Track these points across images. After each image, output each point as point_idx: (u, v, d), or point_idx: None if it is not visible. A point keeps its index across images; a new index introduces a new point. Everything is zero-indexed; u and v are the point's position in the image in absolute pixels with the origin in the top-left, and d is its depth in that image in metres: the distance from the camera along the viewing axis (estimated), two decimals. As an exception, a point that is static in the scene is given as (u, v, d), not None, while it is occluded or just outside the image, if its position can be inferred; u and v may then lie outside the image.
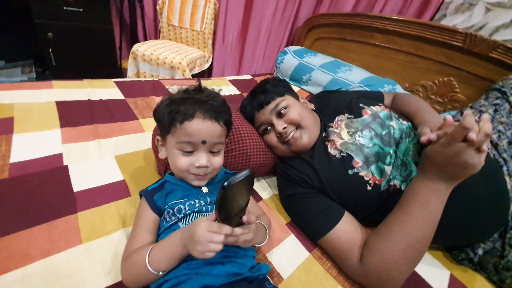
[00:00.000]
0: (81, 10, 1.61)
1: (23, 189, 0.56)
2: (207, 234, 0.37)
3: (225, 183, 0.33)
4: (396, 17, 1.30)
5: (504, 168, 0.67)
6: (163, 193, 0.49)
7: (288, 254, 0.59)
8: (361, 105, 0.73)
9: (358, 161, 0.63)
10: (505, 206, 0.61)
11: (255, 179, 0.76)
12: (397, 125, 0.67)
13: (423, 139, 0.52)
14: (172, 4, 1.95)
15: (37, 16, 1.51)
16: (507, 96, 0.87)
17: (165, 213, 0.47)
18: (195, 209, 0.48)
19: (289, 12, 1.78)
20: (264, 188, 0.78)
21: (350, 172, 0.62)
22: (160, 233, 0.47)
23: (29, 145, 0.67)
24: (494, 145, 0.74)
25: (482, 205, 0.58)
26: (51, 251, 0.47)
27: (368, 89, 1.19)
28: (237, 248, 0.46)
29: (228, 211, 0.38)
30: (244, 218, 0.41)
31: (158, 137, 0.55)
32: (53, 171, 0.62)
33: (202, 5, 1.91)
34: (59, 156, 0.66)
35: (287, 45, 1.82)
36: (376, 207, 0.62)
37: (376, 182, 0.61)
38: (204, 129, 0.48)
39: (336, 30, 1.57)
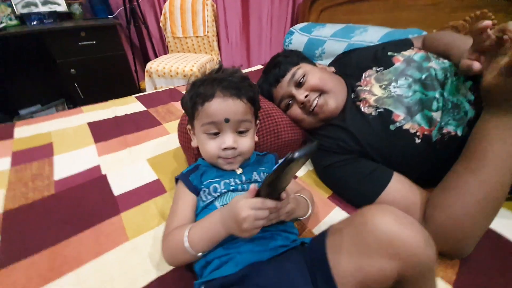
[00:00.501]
0: (94, 42, 1.73)
1: (69, 201, 0.59)
2: (252, 212, 0.34)
3: (294, 154, 0.29)
4: (406, -41, 1.17)
5: None
6: (198, 173, 0.48)
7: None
8: (389, 53, 0.65)
9: (399, 114, 0.55)
10: None
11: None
12: (438, 65, 0.58)
13: (475, 67, 0.44)
14: (173, 17, 2.00)
15: (58, 57, 1.65)
16: None
17: (201, 192, 0.46)
18: (231, 188, 0.46)
19: (288, -10, 1.72)
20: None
21: (392, 127, 0.55)
22: (197, 213, 0.45)
23: (69, 163, 0.72)
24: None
25: None
26: (101, 251, 0.48)
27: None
28: (277, 224, 0.42)
29: (279, 185, 0.35)
30: (283, 194, 0.38)
31: (189, 126, 0.54)
32: (94, 181, 0.65)
33: (201, 10, 1.93)
34: (97, 168, 0.70)
35: (292, 25, 1.75)
36: (431, 162, 0.53)
37: (426, 132, 0.53)
38: (225, 107, 0.45)
39: (341, -6, 1.47)
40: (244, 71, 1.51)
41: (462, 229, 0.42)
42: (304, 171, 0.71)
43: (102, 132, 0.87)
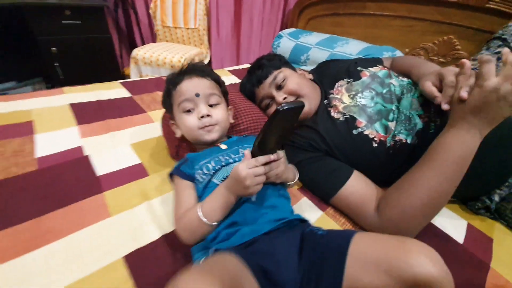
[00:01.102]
0: (79, 22, 1.68)
1: (52, 178, 0.61)
2: (250, 171, 0.41)
3: (280, 107, 0.36)
4: (386, -17, 1.29)
5: None
6: (188, 163, 0.53)
7: (303, 214, 0.61)
8: (359, 68, 0.74)
9: (361, 121, 0.64)
10: None
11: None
12: (397, 82, 0.68)
13: (444, 107, 0.51)
14: (164, 6, 1.99)
15: (39, 34, 1.58)
16: (508, 42, 0.87)
17: (196, 176, 0.51)
18: (223, 163, 0.51)
19: (279, -4, 1.78)
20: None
21: (354, 132, 0.63)
22: (200, 195, 0.50)
23: (51, 142, 0.73)
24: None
25: (492, 149, 0.57)
26: (83, 224, 0.51)
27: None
28: (273, 190, 0.49)
29: (268, 143, 0.41)
30: (275, 155, 0.44)
31: (172, 121, 0.61)
32: (76, 161, 0.67)
33: (193, 2, 1.94)
34: (79, 149, 0.72)
35: (281, 29, 1.83)
36: (385, 165, 0.63)
37: (381, 138, 0.62)
38: (194, 85, 0.56)
39: (328, 6, 1.57)
40: (232, 68, 1.56)
41: (406, 225, 0.51)
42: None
43: (84, 114, 0.88)
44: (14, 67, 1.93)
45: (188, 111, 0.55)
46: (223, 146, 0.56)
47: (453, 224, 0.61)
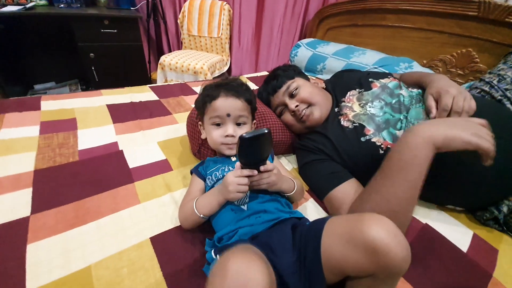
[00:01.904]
0: (115, 31, 1.85)
1: (91, 167, 0.71)
2: (234, 179, 0.48)
3: (243, 134, 0.44)
4: (406, -4, 1.31)
5: None
6: (204, 166, 0.63)
7: (307, 215, 0.65)
8: (370, 79, 0.78)
9: (369, 129, 0.68)
10: None
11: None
12: (407, 93, 0.71)
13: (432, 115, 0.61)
14: (190, 17, 2.13)
15: (80, 40, 1.77)
16: (526, 56, 0.86)
17: (207, 179, 0.60)
18: (226, 173, 0.58)
19: (299, 7, 1.85)
20: (285, 164, 0.85)
21: (362, 139, 0.67)
22: None
23: (91, 137, 0.83)
24: (516, 104, 0.74)
25: (502, 161, 0.56)
26: (117, 208, 0.59)
27: (383, 70, 1.22)
28: (264, 198, 0.55)
29: (248, 158, 0.48)
30: (262, 167, 0.51)
31: (200, 122, 0.69)
32: (112, 154, 0.77)
33: (218, 13, 2.07)
34: (115, 144, 0.82)
35: (299, 39, 1.89)
36: None
37: (388, 146, 0.65)
38: (227, 104, 0.60)
39: (347, 17, 1.61)
40: (251, 75, 1.64)
41: None
42: (289, 169, 0.83)
43: (119, 114, 0.99)
44: (54, 69, 2.16)
45: (217, 124, 0.61)
46: (233, 158, 0.63)
47: (458, 232, 0.63)
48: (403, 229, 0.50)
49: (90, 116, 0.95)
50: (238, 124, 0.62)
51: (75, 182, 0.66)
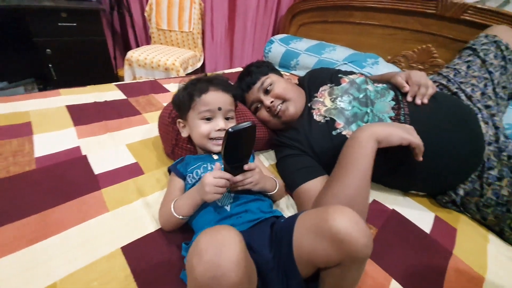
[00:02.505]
0: (75, 24, 1.70)
1: (51, 176, 0.65)
2: (213, 180, 0.47)
3: (230, 129, 0.42)
4: (371, -6, 1.37)
5: (479, 116, 0.74)
6: (184, 164, 0.61)
7: (285, 211, 0.67)
8: (339, 75, 0.81)
9: (340, 123, 0.70)
10: (480, 148, 0.67)
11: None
12: (373, 88, 0.75)
13: (408, 98, 0.71)
14: (159, 9, 2.03)
15: (35, 35, 1.60)
16: (477, 52, 0.94)
17: (187, 177, 0.58)
18: (208, 171, 0.56)
19: (272, 2, 1.85)
20: (263, 161, 0.85)
21: (334, 133, 0.70)
22: None
23: (49, 142, 0.76)
24: (469, 97, 0.81)
25: (458, 149, 0.65)
26: (83, 218, 0.55)
27: (352, 65, 1.27)
28: (247, 198, 0.55)
29: (233, 154, 0.47)
30: (245, 166, 0.50)
31: (180, 120, 0.66)
32: (74, 160, 0.71)
33: (188, 6, 1.99)
34: (77, 149, 0.75)
35: (273, 35, 1.89)
36: None
37: None
38: (218, 98, 0.60)
39: (318, 13, 1.64)
40: (226, 71, 1.61)
41: None
42: (267, 165, 0.84)
43: (81, 115, 0.91)
44: (6, 68, 1.94)
45: (207, 119, 0.60)
46: (215, 156, 0.61)
47: (421, 216, 0.68)
48: (363, 216, 0.55)
49: (47, 119, 0.86)
50: (227, 119, 0.62)
51: (33, 192, 0.60)
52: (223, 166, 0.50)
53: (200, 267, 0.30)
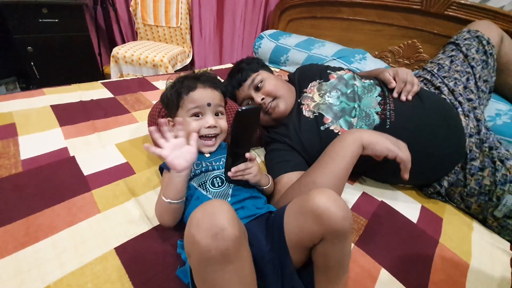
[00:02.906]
0: (56, 20, 1.64)
1: (38, 178, 0.63)
2: (170, 144, 0.49)
3: (240, 109, 0.43)
4: (358, -11, 1.38)
5: (459, 110, 0.77)
6: None
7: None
8: (328, 71, 0.83)
9: (328, 118, 0.72)
10: (462, 141, 0.71)
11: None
12: (360, 84, 0.77)
13: (394, 94, 0.73)
14: (145, 4, 1.97)
15: (15, 32, 1.53)
16: (460, 47, 0.97)
17: None
18: (203, 169, 0.56)
19: (260, -3, 1.83)
20: (255, 157, 0.86)
21: (322, 128, 0.71)
22: None
23: (35, 144, 0.74)
24: (451, 91, 0.84)
25: (441, 143, 0.68)
26: (74, 221, 0.54)
27: (341, 61, 1.28)
28: (244, 193, 0.55)
29: (238, 138, 0.47)
30: (247, 154, 0.51)
31: (169, 119, 0.64)
32: (62, 162, 0.69)
33: (175, 1, 1.95)
34: (64, 150, 0.73)
35: (262, 30, 1.88)
36: None
37: None
38: (207, 95, 0.60)
39: (307, 9, 1.64)
40: (216, 67, 1.60)
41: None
42: (258, 161, 0.84)
43: (67, 115, 0.89)
44: (-15, 66, 1.85)
45: (196, 115, 0.59)
46: (207, 155, 0.61)
47: (408, 206, 0.71)
48: None
49: (32, 120, 0.84)
50: (216, 115, 0.62)
51: (21, 196, 0.58)
52: (226, 156, 0.50)
53: (200, 233, 0.33)
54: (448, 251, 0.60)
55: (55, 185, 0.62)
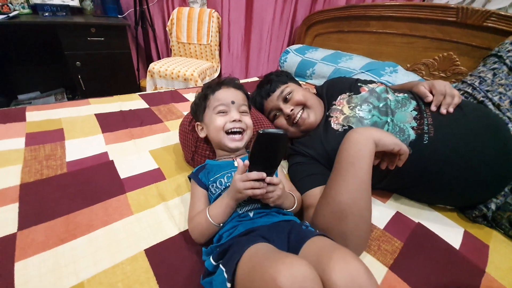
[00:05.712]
0: (102, 39, 1.82)
1: (80, 179, 0.68)
2: (241, 183, 0.47)
3: (261, 130, 0.43)
4: (389, 3, 1.37)
5: (510, 125, 0.70)
6: (205, 172, 0.60)
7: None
8: (359, 84, 0.81)
9: None
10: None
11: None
12: (393, 97, 0.74)
13: (432, 108, 0.68)
14: (179, 24, 2.13)
15: (67, 48, 1.73)
16: (503, 59, 0.91)
17: (210, 187, 0.58)
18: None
19: (287, 14, 1.89)
20: (278, 170, 0.85)
21: None
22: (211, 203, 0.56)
23: (80, 148, 0.81)
24: (497, 106, 0.77)
25: (488, 160, 0.60)
26: (109, 221, 0.58)
27: (370, 74, 1.26)
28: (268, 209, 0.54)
29: (258, 160, 0.46)
30: (267, 179, 0.48)
31: (198, 123, 0.69)
32: (102, 165, 0.75)
33: (207, 20, 2.08)
34: (105, 154, 0.80)
35: (288, 45, 1.92)
36: (377, 172, 0.64)
37: None
38: (230, 94, 0.65)
39: (334, 24, 1.65)
40: (242, 81, 1.65)
41: (326, 230, 0.52)
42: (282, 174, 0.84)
43: (108, 123, 0.97)
44: (39, 78, 2.10)
45: (222, 112, 0.63)
46: (236, 164, 0.61)
47: (449, 230, 0.64)
48: (363, 230, 0.52)
49: (77, 126, 0.92)
50: (241, 113, 0.64)
51: (64, 195, 0.64)
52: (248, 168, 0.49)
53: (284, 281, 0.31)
54: (496, 283, 0.53)
55: (95, 186, 0.67)
